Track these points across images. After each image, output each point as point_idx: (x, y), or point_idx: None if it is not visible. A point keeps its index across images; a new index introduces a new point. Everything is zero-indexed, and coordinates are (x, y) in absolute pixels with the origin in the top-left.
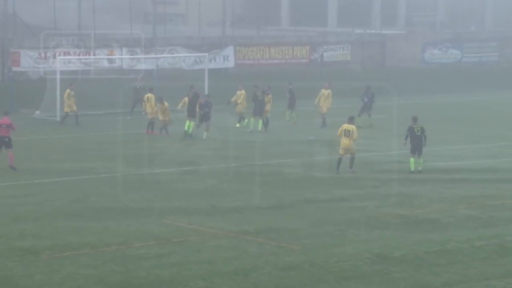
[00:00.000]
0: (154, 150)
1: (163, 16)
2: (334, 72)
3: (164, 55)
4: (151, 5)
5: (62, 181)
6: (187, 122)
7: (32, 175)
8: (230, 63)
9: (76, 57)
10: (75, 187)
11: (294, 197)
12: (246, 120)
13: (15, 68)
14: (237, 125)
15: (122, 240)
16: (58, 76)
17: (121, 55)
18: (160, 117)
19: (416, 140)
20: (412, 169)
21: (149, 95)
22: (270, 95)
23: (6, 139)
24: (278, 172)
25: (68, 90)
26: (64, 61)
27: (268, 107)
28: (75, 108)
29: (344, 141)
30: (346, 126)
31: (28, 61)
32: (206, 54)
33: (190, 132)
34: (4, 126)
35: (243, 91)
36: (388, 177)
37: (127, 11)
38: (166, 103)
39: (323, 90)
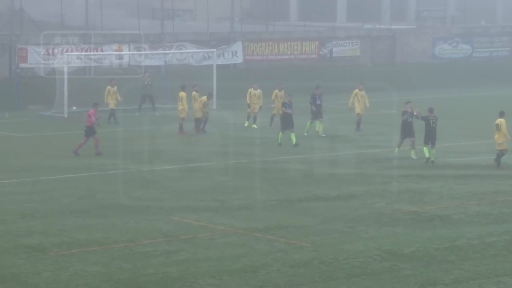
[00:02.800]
0: (161, 147)
1: (171, 11)
2: (343, 67)
3: (172, 51)
4: (159, 0)
5: (69, 178)
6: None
7: (39, 172)
8: (239, 59)
9: (84, 53)
10: (82, 184)
11: (304, 193)
12: (248, 123)
13: (22, 65)
14: (248, 124)
15: (130, 237)
16: (65, 73)
17: (129, 51)
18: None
19: (430, 131)
20: (427, 155)
21: (182, 93)
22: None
23: (85, 128)
24: (286, 169)
25: (108, 87)
26: (72, 57)
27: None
28: (114, 106)
29: (494, 136)
30: (497, 120)
31: (36, 58)
32: (215, 49)
33: (294, 142)
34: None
35: (258, 91)
36: (398, 173)
37: (135, 7)
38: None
39: (357, 91)
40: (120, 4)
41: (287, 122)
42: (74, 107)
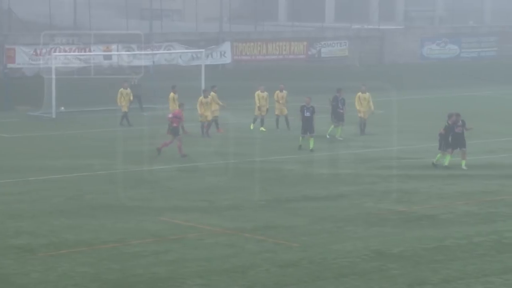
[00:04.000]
0: (151, 147)
1: (159, 11)
2: (331, 68)
3: (161, 51)
4: (148, 0)
5: (58, 179)
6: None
7: (27, 172)
8: (227, 59)
9: (72, 53)
10: (71, 184)
11: (293, 194)
12: (253, 125)
13: (10, 65)
14: (256, 127)
15: (119, 237)
16: (53, 73)
17: (117, 51)
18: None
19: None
20: (446, 163)
21: (172, 94)
22: (285, 92)
23: (170, 128)
24: (277, 169)
25: (121, 89)
26: (60, 58)
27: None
28: (126, 108)
29: None
30: None
31: (24, 58)
32: (203, 50)
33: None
34: (172, 116)
35: (265, 93)
36: (387, 173)
37: (123, 7)
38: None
39: (360, 94)
40: (108, 4)
41: (306, 126)
42: (62, 108)
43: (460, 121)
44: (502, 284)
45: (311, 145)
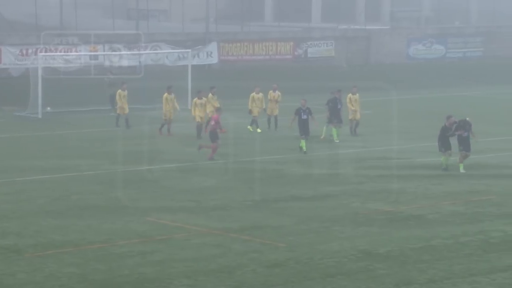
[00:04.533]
0: (139, 147)
1: (146, 12)
2: (318, 68)
3: (147, 51)
4: (134, 0)
5: (44, 179)
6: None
7: (14, 173)
8: (214, 59)
9: (58, 53)
10: (58, 185)
11: (280, 194)
12: (252, 127)
13: None
14: (254, 129)
15: (106, 238)
16: (39, 74)
17: (104, 51)
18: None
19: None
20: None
21: (166, 95)
22: (278, 93)
23: (209, 134)
24: (264, 169)
25: (119, 91)
26: (46, 58)
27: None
28: (127, 110)
29: None
30: None
31: (10, 58)
32: (190, 50)
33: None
34: (214, 123)
35: (260, 94)
36: (374, 173)
37: (110, 7)
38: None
39: (350, 95)
40: (94, 5)
41: (304, 128)
42: (48, 108)
43: (467, 125)
44: (489, 284)
45: (303, 146)
